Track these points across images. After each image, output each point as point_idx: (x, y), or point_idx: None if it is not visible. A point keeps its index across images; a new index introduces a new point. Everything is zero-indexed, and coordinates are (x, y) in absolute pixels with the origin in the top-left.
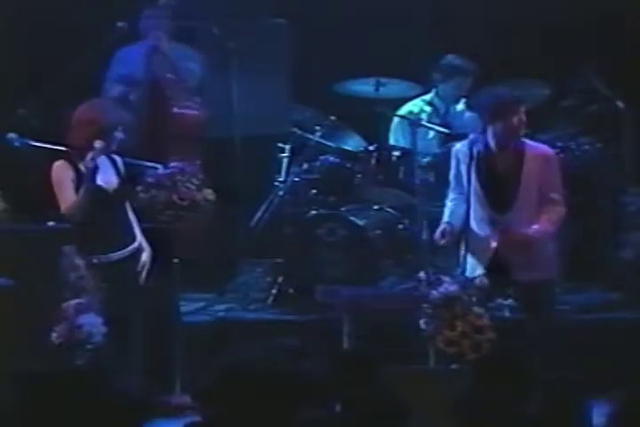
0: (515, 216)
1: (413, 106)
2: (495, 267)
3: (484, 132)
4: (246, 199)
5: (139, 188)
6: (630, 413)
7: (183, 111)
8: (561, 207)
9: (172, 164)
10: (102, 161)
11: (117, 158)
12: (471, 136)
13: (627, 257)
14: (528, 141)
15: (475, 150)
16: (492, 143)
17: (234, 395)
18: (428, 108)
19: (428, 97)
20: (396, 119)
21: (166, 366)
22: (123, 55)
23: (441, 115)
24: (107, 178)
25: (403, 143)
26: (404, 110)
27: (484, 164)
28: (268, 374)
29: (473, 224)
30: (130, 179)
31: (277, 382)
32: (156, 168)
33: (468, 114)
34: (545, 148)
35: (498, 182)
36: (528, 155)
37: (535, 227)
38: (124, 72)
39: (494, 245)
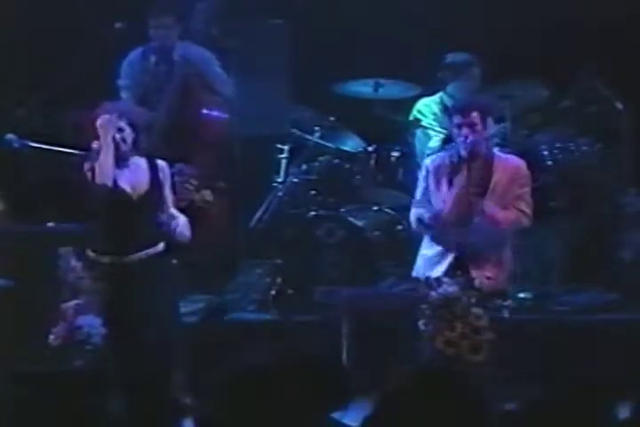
0: None
1: (423, 106)
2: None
3: (449, 140)
4: (245, 200)
5: None
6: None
7: (211, 114)
8: (524, 217)
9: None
10: (133, 164)
11: (162, 164)
12: (446, 150)
13: (626, 257)
14: (498, 152)
15: (450, 160)
16: (463, 153)
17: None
18: (439, 108)
19: (437, 98)
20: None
21: (165, 368)
22: (133, 62)
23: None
24: (128, 181)
25: (418, 145)
26: (414, 110)
27: (454, 175)
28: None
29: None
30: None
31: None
32: None
33: None
34: (515, 159)
35: (468, 191)
36: (497, 165)
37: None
38: (136, 80)
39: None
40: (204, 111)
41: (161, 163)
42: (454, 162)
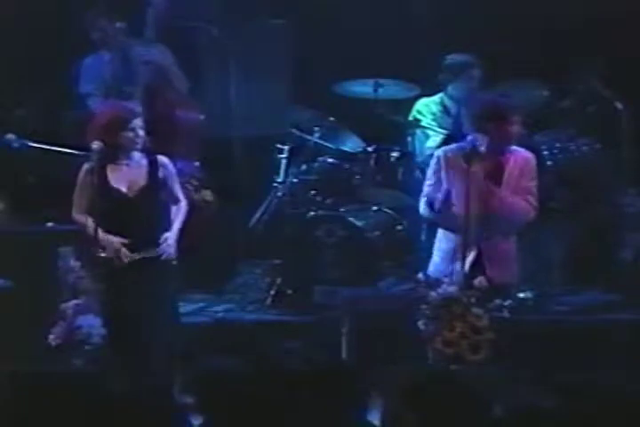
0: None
1: (422, 106)
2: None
3: (474, 136)
4: (245, 200)
5: None
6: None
7: (181, 113)
8: (532, 209)
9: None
10: (133, 162)
11: (164, 160)
12: (463, 142)
13: (626, 258)
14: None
15: (464, 153)
16: (481, 148)
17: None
18: (439, 108)
19: (437, 98)
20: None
21: (165, 368)
22: (88, 68)
23: (452, 115)
24: (128, 179)
25: (418, 145)
26: (413, 111)
27: (469, 166)
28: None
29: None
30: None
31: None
32: None
33: None
34: (525, 152)
35: (481, 185)
36: (509, 158)
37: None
38: (98, 84)
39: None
40: (174, 110)
41: (162, 159)
42: (469, 155)
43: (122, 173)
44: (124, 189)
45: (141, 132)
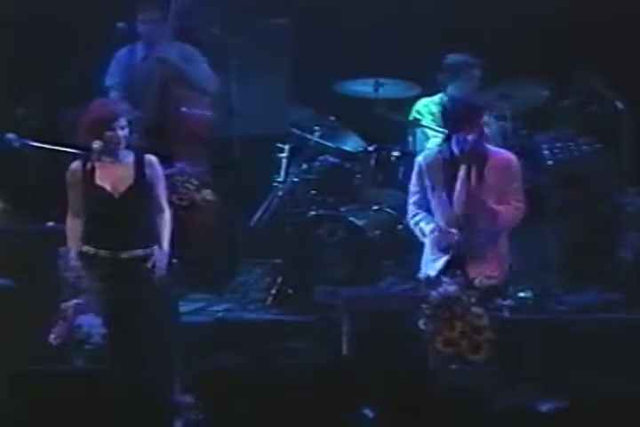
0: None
1: (422, 106)
2: (454, 265)
3: (448, 139)
4: (245, 200)
5: None
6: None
7: (192, 112)
8: (519, 212)
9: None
10: (118, 160)
11: (151, 159)
12: (438, 147)
13: (626, 257)
14: (491, 147)
15: (440, 158)
16: (455, 150)
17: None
18: (438, 109)
19: (437, 98)
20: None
21: (165, 367)
22: (120, 60)
23: None
24: (114, 178)
25: (418, 145)
26: (413, 111)
27: (449, 171)
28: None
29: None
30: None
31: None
32: None
33: None
34: (506, 153)
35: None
36: (490, 160)
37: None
38: (124, 78)
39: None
40: (184, 109)
41: (149, 158)
42: (448, 159)
43: (108, 172)
44: (108, 188)
45: (122, 133)
